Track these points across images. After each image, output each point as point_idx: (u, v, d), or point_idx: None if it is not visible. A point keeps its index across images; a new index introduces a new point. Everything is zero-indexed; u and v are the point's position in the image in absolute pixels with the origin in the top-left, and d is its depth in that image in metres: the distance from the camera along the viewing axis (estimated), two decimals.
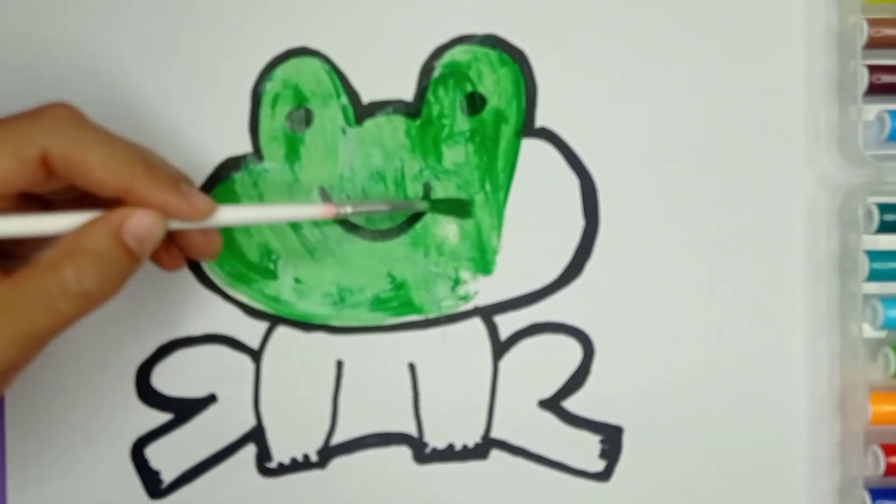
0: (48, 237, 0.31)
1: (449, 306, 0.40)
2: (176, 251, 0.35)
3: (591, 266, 0.40)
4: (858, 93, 0.38)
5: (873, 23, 0.38)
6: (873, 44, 0.38)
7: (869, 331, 0.39)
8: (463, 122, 0.39)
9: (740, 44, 0.40)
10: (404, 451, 0.40)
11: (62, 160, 0.30)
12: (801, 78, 0.40)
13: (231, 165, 0.39)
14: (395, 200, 0.38)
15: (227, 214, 0.33)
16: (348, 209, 0.35)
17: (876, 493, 0.38)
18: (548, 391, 0.40)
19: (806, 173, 0.40)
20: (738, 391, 0.40)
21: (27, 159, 0.30)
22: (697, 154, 0.40)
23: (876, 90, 0.39)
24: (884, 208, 0.39)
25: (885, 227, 0.39)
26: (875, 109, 0.39)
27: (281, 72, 0.39)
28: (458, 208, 0.39)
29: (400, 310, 0.40)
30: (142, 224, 0.31)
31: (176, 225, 0.32)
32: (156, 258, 0.35)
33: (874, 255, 0.39)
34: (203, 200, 0.32)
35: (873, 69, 0.38)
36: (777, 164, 0.40)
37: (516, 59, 0.39)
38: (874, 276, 0.39)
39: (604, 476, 0.40)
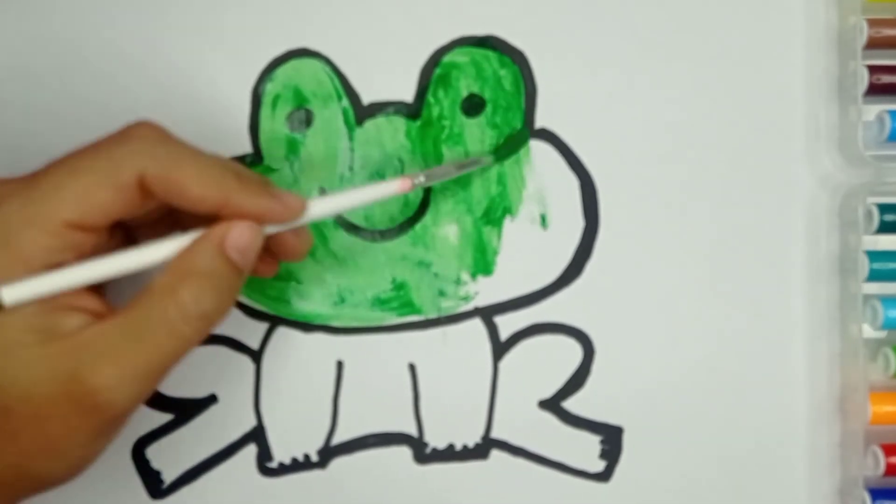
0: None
1: (449, 307, 0.40)
2: (269, 257, 0.35)
3: (591, 266, 0.40)
4: (858, 93, 0.38)
5: (873, 23, 0.38)
6: (873, 44, 0.38)
7: (869, 331, 0.39)
8: (463, 124, 0.39)
9: (740, 44, 0.40)
10: (404, 451, 0.40)
11: (158, 180, 0.29)
12: (801, 78, 0.40)
13: None
14: (460, 161, 0.37)
15: (317, 209, 0.32)
16: (421, 178, 0.34)
17: (876, 493, 0.38)
18: (548, 391, 0.40)
19: (806, 173, 0.40)
20: (738, 391, 0.40)
21: (124, 184, 0.29)
22: (697, 154, 0.40)
23: (876, 90, 0.39)
24: (884, 208, 0.39)
25: (885, 228, 0.39)
26: (875, 110, 0.39)
27: (281, 73, 0.39)
28: (519, 142, 0.39)
29: (400, 310, 0.40)
30: (243, 236, 0.30)
31: (272, 229, 0.31)
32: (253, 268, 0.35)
33: (874, 256, 0.39)
34: (295, 199, 0.31)
35: (873, 69, 0.38)
36: (777, 164, 0.40)
37: (516, 61, 0.39)
38: (874, 276, 0.39)
39: (604, 476, 0.40)
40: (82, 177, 0.29)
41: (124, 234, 0.32)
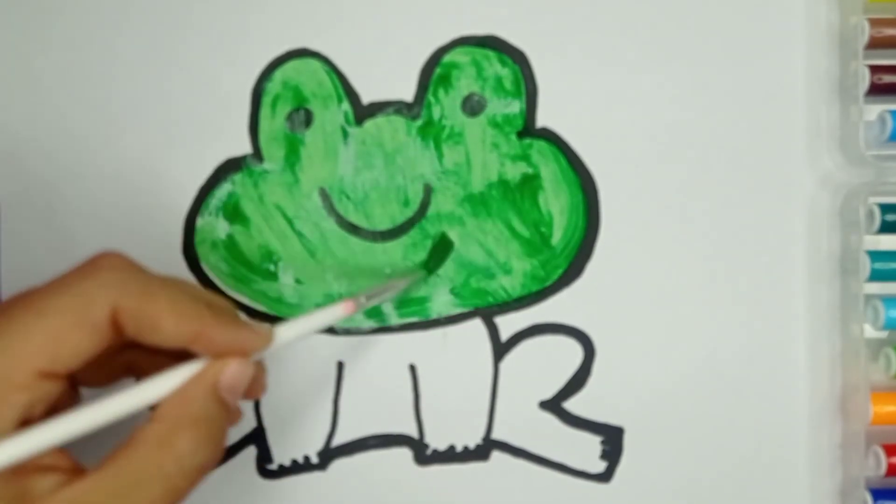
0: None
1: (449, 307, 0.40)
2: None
3: (591, 267, 0.40)
4: (860, 93, 0.38)
5: (875, 23, 0.38)
6: (875, 44, 0.38)
7: (870, 331, 0.39)
8: (463, 123, 0.39)
9: (741, 44, 0.40)
10: (405, 453, 0.40)
11: (132, 313, 0.27)
12: (803, 78, 0.40)
13: (231, 166, 0.39)
14: (395, 280, 0.37)
15: (284, 334, 0.30)
16: (363, 300, 0.33)
17: (877, 493, 0.38)
18: (548, 392, 0.40)
19: (807, 174, 0.40)
20: (739, 392, 0.40)
21: (98, 321, 0.26)
22: (698, 154, 0.40)
23: (877, 90, 0.38)
24: (885, 208, 0.39)
25: (887, 228, 0.39)
26: (876, 109, 0.39)
27: (281, 73, 0.39)
28: (444, 251, 0.39)
29: (401, 311, 0.40)
30: (236, 375, 0.28)
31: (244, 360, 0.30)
32: None
33: (875, 256, 0.39)
34: (264, 327, 0.29)
35: (875, 69, 0.38)
36: (778, 164, 0.40)
37: (516, 60, 0.39)
38: (875, 276, 0.39)
39: (605, 477, 0.40)
40: (52, 318, 0.26)
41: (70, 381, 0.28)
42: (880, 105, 0.39)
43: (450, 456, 0.40)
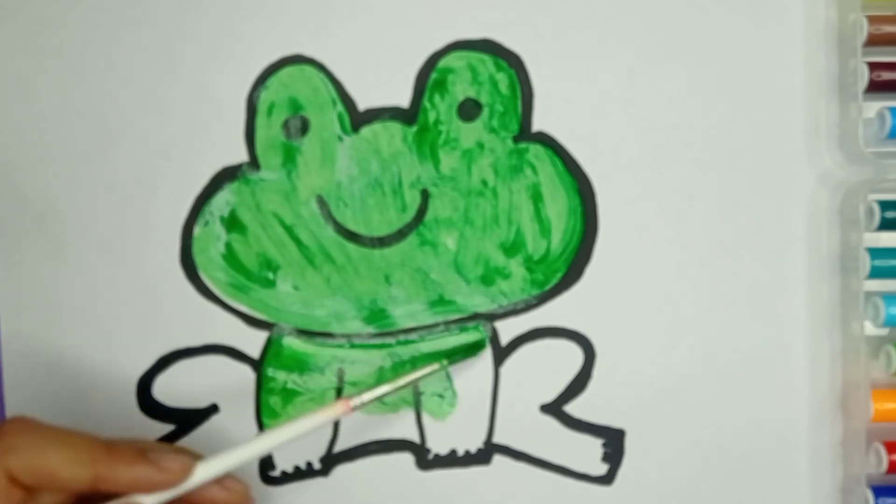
0: None
1: (449, 312, 0.40)
2: None
3: (591, 270, 0.39)
4: (859, 90, 0.38)
5: (873, 20, 0.38)
6: (873, 41, 0.38)
7: (870, 328, 0.39)
8: (459, 128, 0.39)
9: (740, 42, 0.39)
10: (407, 458, 0.40)
11: (27, 471, 0.29)
12: (802, 76, 0.40)
13: (227, 175, 0.39)
14: (417, 371, 0.37)
15: (210, 469, 0.31)
16: (364, 398, 0.34)
17: (879, 490, 0.39)
18: (549, 395, 0.40)
19: (807, 171, 0.40)
20: (739, 392, 0.40)
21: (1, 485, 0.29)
22: (697, 154, 0.40)
23: (876, 87, 0.38)
24: (885, 205, 0.39)
25: (886, 225, 0.39)
26: (875, 107, 0.39)
27: (276, 80, 0.39)
28: (476, 350, 0.39)
29: (402, 316, 0.40)
30: None
31: (163, 496, 0.30)
32: None
33: (875, 253, 0.39)
34: (175, 461, 0.31)
35: (873, 66, 0.38)
36: (778, 162, 0.40)
37: (512, 64, 0.39)
38: (875, 273, 0.39)
39: (606, 479, 0.40)
40: None
41: None
42: (879, 102, 0.39)
43: (451, 460, 0.40)
